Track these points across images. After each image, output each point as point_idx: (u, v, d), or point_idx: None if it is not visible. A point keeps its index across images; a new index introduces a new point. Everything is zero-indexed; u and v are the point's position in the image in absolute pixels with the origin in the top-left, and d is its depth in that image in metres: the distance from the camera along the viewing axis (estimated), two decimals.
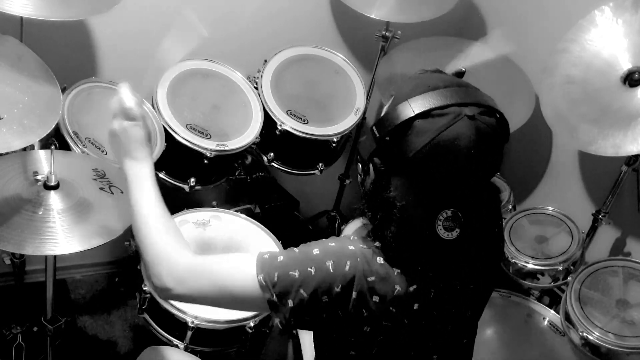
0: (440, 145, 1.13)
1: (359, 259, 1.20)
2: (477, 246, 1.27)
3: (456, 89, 1.18)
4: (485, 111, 1.17)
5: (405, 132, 1.15)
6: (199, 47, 1.70)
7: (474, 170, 1.16)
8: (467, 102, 1.16)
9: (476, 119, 1.14)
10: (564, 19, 2.16)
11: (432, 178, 1.15)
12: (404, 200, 1.17)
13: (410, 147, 1.14)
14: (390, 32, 2.36)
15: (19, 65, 1.70)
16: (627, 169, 1.98)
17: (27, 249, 1.49)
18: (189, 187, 2.14)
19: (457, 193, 1.17)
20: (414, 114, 1.15)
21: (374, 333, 1.23)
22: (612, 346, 1.80)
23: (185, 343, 1.81)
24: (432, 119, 1.14)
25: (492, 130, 1.17)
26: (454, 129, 1.13)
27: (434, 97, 1.16)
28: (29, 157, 1.71)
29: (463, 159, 1.13)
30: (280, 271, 1.19)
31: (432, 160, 1.14)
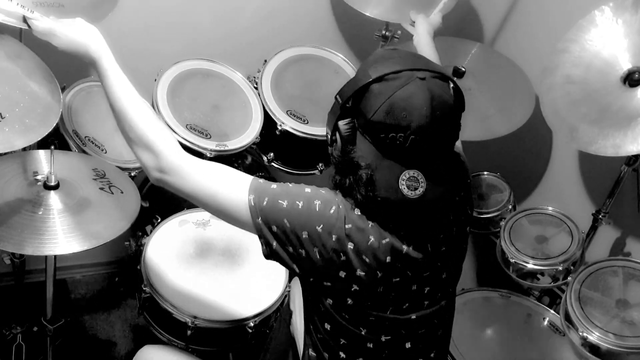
0: (395, 104, 1.20)
1: (340, 206, 1.29)
2: (442, 207, 1.35)
3: (410, 57, 1.28)
4: (438, 76, 1.25)
5: (363, 96, 1.24)
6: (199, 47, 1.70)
7: (431, 129, 1.22)
8: (420, 68, 1.24)
9: (427, 80, 1.22)
10: (564, 19, 2.17)
11: (392, 137, 1.21)
12: (368, 160, 1.24)
13: (369, 109, 1.23)
14: (390, 32, 2.36)
15: (18, 65, 1.69)
16: (627, 169, 1.98)
17: (27, 249, 1.49)
18: None
19: (418, 153, 1.23)
20: (371, 79, 1.23)
21: (348, 281, 1.30)
22: (612, 346, 1.80)
23: (185, 343, 1.81)
24: (387, 82, 1.22)
25: (445, 94, 1.24)
26: (407, 89, 1.21)
27: (389, 64, 1.25)
28: (29, 157, 1.71)
29: (417, 116, 1.20)
30: (271, 197, 1.31)
31: (388, 119, 1.21)
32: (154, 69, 2.13)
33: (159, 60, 2.15)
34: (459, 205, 1.41)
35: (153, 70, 2.12)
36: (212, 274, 1.90)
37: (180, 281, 1.84)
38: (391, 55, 1.29)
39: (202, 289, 1.84)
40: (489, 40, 2.63)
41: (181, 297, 1.79)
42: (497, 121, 2.22)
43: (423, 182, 1.24)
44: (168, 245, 1.94)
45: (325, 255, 1.29)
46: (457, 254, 1.45)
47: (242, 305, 1.83)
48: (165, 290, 1.80)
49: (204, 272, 1.89)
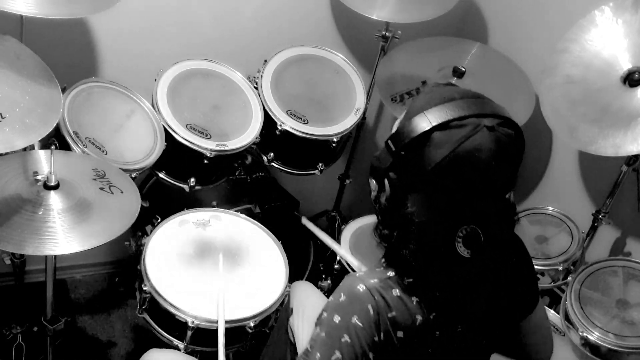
0: (460, 157, 1.09)
1: (375, 297, 1.16)
2: (497, 265, 1.25)
3: (473, 100, 1.15)
4: (504, 122, 1.14)
5: (423, 144, 1.11)
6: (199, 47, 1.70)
7: (494, 183, 1.13)
8: (486, 113, 1.13)
9: (496, 130, 1.11)
10: (563, 19, 2.16)
11: (452, 192, 1.11)
12: (422, 216, 1.14)
13: (428, 160, 1.10)
14: (390, 32, 2.36)
15: (18, 65, 1.70)
16: (627, 169, 1.98)
17: (27, 249, 1.49)
18: (189, 187, 2.14)
19: (476, 208, 1.13)
20: (432, 126, 1.10)
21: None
22: (612, 346, 1.80)
23: (185, 343, 1.81)
24: (451, 131, 1.10)
25: (511, 142, 1.14)
26: (474, 140, 1.09)
27: (451, 108, 1.12)
28: (29, 157, 1.71)
29: (483, 171, 1.10)
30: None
31: (451, 173, 1.10)
32: (154, 69, 2.13)
33: (159, 60, 2.15)
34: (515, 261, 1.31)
35: (153, 70, 2.12)
36: (212, 273, 1.89)
37: (180, 281, 1.84)
38: (451, 95, 1.15)
39: (202, 289, 1.84)
40: (489, 40, 2.63)
41: (181, 297, 1.79)
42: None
43: (479, 238, 1.14)
44: (168, 245, 1.93)
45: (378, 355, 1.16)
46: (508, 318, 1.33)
47: (242, 305, 1.83)
48: (166, 290, 1.80)
49: (204, 272, 1.89)
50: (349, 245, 2.20)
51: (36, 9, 1.66)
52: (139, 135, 2.02)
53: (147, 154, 1.99)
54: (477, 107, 1.13)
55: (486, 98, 1.18)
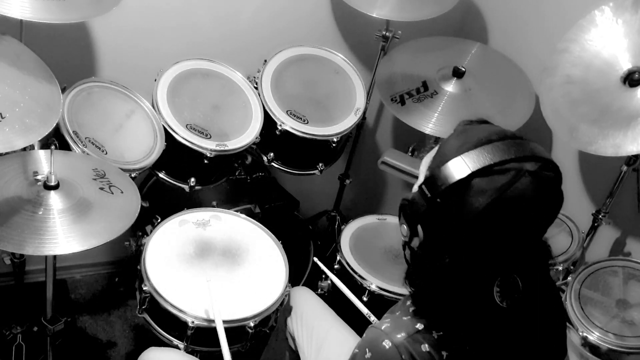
0: (503, 206, 1.02)
1: (403, 357, 1.09)
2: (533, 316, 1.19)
3: (512, 142, 1.08)
4: (545, 166, 1.09)
5: (461, 191, 1.04)
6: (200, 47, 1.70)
7: (536, 230, 1.08)
8: (527, 156, 1.06)
9: (538, 174, 1.06)
10: (563, 19, 2.16)
11: (492, 241, 1.05)
12: (459, 266, 1.08)
13: (468, 208, 1.03)
14: (390, 32, 2.36)
15: (17, 65, 1.70)
16: (627, 169, 1.98)
17: (27, 249, 1.49)
18: (189, 187, 2.14)
19: (516, 256, 1.08)
20: (471, 172, 1.03)
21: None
22: (612, 346, 1.80)
23: (185, 343, 1.81)
24: (492, 177, 1.03)
25: (553, 187, 1.09)
26: (517, 188, 1.03)
27: (490, 151, 1.05)
28: (29, 157, 1.71)
29: (527, 219, 1.05)
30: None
31: (493, 222, 1.03)
32: (154, 69, 2.13)
33: (159, 60, 2.15)
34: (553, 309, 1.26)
35: (153, 70, 2.12)
36: (212, 273, 1.89)
37: (180, 281, 1.84)
38: (488, 136, 1.08)
39: (202, 289, 1.84)
40: (489, 40, 2.63)
41: (181, 297, 1.79)
42: (497, 121, 2.20)
43: (518, 288, 1.09)
44: (168, 245, 1.93)
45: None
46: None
47: (242, 305, 1.83)
48: (165, 290, 1.80)
49: (204, 272, 1.89)
50: (349, 246, 2.20)
51: (32, 13, 1.66)
52: (139, 135, 2.02)
53: (147, 153, 1.99)
54: (518, 149, 1.07)
55: (525, 138, 1.12)
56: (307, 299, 1.96)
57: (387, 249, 2.24)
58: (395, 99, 2.24)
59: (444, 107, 2.21)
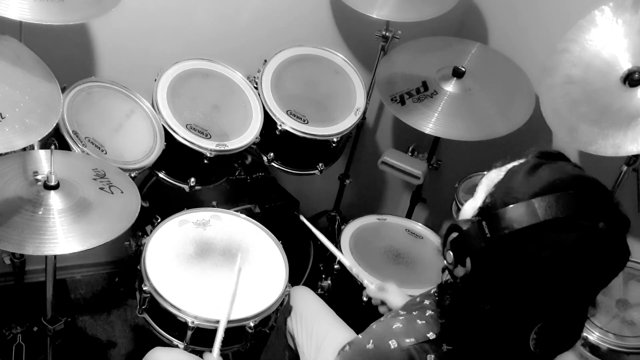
0: (568, 263, 0.97)
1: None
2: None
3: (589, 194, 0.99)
4: (617, 221, 1.00)
5: (526, 241, 0.97)
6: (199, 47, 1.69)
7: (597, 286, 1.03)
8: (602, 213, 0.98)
9: (611, 233, 0.98)
10: (563, 19, 2.16)
11: (544, 294, 1.00)
12: (501, 310, 1.03)
13: (529, 259, 0.97)
14: (390, 32, 2.36)
15: (17, 65, 1.69)
16: (627, 169, 1.98)
17: (27, 249, 1.49)
18: (189, 187, 2.14)
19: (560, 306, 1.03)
20: (541, 221, 0.96)
21: None
22: (612, 346, 1.80)
23: (185, 343, 1.81)
24: (562, 232, 0.96)
25: (622, 244, 1.01)
26: (588, 247, 0.97)
27: (565, 202, 0.97)
28: (29, 157, 1.71)
29: (588, 276, 1.00)
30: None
31: (553, 275, 0.97)
32: (154, 69, 2.12)
33: (159, 60, 2.15)
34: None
35: (153, 70, 2.12)
36: (212, 273, 1.89)
37: (180, 281, 1.84)
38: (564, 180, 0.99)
39: (202, 289, 1.84)
40: (489, 40, 2.63)
41: (181, 297, 1.79)
42: (497, 121, 2.22)
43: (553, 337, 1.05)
44: (168, 245, 1.93)
45: None
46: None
47: (242, 305, 1.83)
48: (165, 290, 1.80)
49: (204, 272, 1.89)
50: (349, 246, 2.20)
51: (31, 15, 1.65)
52: (139, 135, 2.02)
53: (146, 153, 1.99)
54: (594, 203, 0.99)
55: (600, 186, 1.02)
56: (307, 299, 1.96)
57: (387, 249, 2.24)
58: (395, 99, 2.24)
59: (444, 107, 2.21)
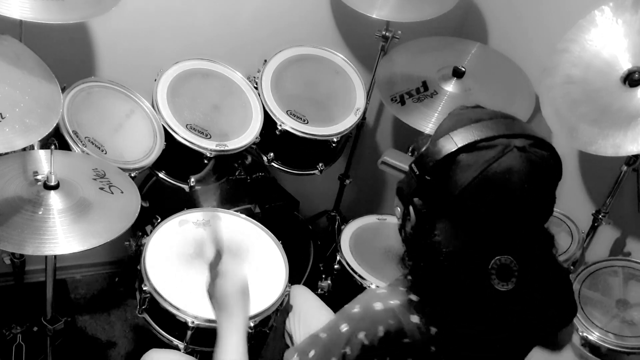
0: (490, 180, 1.01)
1: (390, 321, 1.11)
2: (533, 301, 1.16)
3: (502, 120, 1.07)
4: (536, 143, 1.06)
5: (449, 167, 1.04)
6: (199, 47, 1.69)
7: (529, 208, 1.05)
8: (516, 133, 1.05)
9: (527, 150, 1.03)
10: (563, 19, 2.16)
11: (482, 218, 1.04)
12: (451, 245, 1.06)
13: (455, 184, 1.03)
14: (390, 32, 2.36)
15: (17, 65, 1.70)
16: (627, 169, 1.98)
17: (27, 249, 1.49)
18: (189, 187, 2.14)
19: (512, 236, 1.06)
20: (457, 147, 1.03)
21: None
22: (612, 346, 1.80)
23: (185, 343, 1.81)
24: (478, 152, 1.03)
25: (546, 164, 1.07)
26: (504, 162, 1.02)
27: (479, 128, 1.05)
28: (29, 157, 1.71)
29: (516, 195, 1.03)
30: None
31: (480, 197, 1.02)
32: (154, 69, 2.12)
33: (159, 60, 2.15)
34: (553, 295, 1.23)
35: (153, 70, 2.12)
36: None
37: (180, 281, 1.84)
38: (478, 117, 1.08)
39: (202, 289, 1.84)
40: (489, 40, 2.63)
41: (181, 297, 1.79)
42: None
43: (516, 270, 1.05)
44: (168, 245, 1.93)
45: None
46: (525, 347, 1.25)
47: None
48: (165, 290, 1.80)
49: (204, 272, 1.89)
50: (349, 246, 2.20)
51: (32, 14, 1.65)
52: (139, 135, 2.02)
53: (146, 153, 1.99)
54: (507, 127, 1.06)
55: (516, 118, 1.10)
56: (307, 298, 1.96)
57: (387, 249, 2.24)
58: (395, 99, 2.24)
59: (444, 107, 2.21)
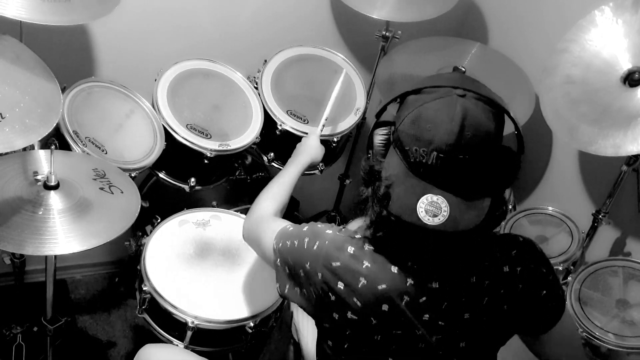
0: (422, 114, 1.11)
1: (327, 242, 1.24)
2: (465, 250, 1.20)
3: (459, 76, 1.18)
4: (485, 101, 1.12)
5: (399, 107, 1.18)
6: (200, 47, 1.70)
7: (457, 151, 1.08)
8: (465, 88, 1.12)
9: (467, 99, 1.10)
10: (563, 19, 2.16)
11: (415, 151, 1.10)
12: (392, 173, 1.13)
13: (398, 118, 1.15)
14: (390, 32, 2.36)
15: (18, 65, 1.70)
16: (627, 169, 1.98)
17: (27, 249, 1.49)
18: (189, 187, 2.14)
19: (442, 175, 1.10)
20: (410, 90, 1.16)
21: (342, 323, 1.23)
22: (612, 346, 1.80)
23: (185, 343, 1.81)
24: (423, 95, 1.13)
25: (486, 118, 1.10)
26: (439, 102, 1.10)
27: (433, 79, 1.17)
28: (29, 157, 1.71)
29: (442, 133, 1.08)
30: (284, 239, 1.32)
31: (413, 129, 1.11)
32: (154, 69, 2.13)
33: (159, 60, 2.15)
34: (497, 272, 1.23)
35: (153, 70, 2.12)
36: (212, 273, 1.90)
37: (180, 281, 1.84)
38: (448, 76, 1.20)
39: (202, 289, 1.84)
40: (489, 40, 2.63)
41: (181, 297, 1.79)
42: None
43: (446, 211, 1.08)
44: (168, 245, 1.93)
45: (318, 294, 1.23)
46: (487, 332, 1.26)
47: (242, 306, 1.83)
48: (165, 290, 1.80)
49: (204, 272, 1.89)
50: None
51: (31, 15, 1.65)
52: (139, 135, 2.02)
53: (146, 153, 1.99)
54: (460, 82, 1.14)
55: (480, 82, 1.18)
56: None
57: None
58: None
59: None
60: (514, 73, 2.35)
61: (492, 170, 1.13)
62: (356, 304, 1.20)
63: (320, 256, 1.23)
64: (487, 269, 1.23)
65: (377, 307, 1.20)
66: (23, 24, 1.79)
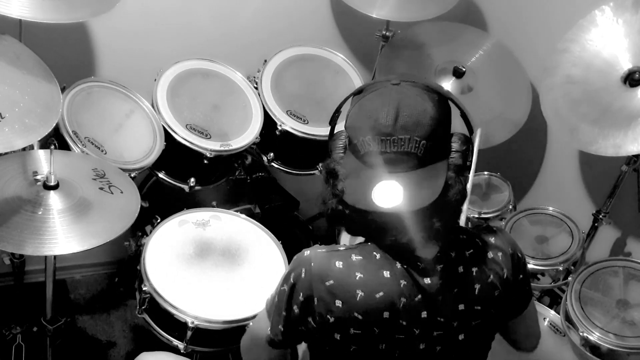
0: (362, 106, 1.18)
1: (313, 264, 1.22)
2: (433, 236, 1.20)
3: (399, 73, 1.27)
4: (420, 86, 1.19)
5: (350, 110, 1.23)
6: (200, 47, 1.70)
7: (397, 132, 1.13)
8: (403, 80, 1.19)
9: (401, 86, 1.17)
10: (564, 18, 2.16)
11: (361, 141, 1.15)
12: (347, 169, 1.19)
13: (346, 118, 1.22)
14: (390, 32, 2.36)
15: (17, 65, 1.70)
16: (627, 169, 1.98)
17: (27, 249, 1.49)
18: (189, 187, 2.13)
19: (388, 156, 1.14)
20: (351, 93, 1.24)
21: (345, 342, 1.22)
22: (613, 346, 1.80)
23: (185, 343, 1.81)
24: (363, 92, 1.21)
25: (422, 100, 1.16)
26: (376, 93, 1.18)
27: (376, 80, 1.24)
28: (29, 157, 1.71)
29: (381, 118, 1.14)
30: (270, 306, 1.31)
31: (356, 121, 1.18)
32: (154, 69, 2.12)
33: (159, 60, 2.14)
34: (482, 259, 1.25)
35: (153, 70, 2.12)
36: (212, 274, 1.89)
37: (180, 281, 1.84)
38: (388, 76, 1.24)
39: (202, 289, 1.84)
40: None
41: (181, 297, 1.79)
42: (497, 121, 2.22)
43: (400, 193, 1.12)
44: (168, 245, 1.93)
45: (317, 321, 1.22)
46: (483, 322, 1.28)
47: (242, 306, 1.83)
48: (165, 290, 1.80)
49: (204, 272, 1.89)
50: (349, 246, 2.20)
51: (30, 13, 1.66)
52: (139, 135, 2.02)
53: (146, 153, 1.99)
54: (395, 76, 1.21)
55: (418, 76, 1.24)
56: None
57: None
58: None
59: None
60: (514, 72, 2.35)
61: (438, 147, 1.17)
62: (358, 318, 1.20)
63: (312, 280, 1.21)
64: (472, 257, 1.25)
65: (379, 316, 1.20)
66: (23, 24, 1.79)
